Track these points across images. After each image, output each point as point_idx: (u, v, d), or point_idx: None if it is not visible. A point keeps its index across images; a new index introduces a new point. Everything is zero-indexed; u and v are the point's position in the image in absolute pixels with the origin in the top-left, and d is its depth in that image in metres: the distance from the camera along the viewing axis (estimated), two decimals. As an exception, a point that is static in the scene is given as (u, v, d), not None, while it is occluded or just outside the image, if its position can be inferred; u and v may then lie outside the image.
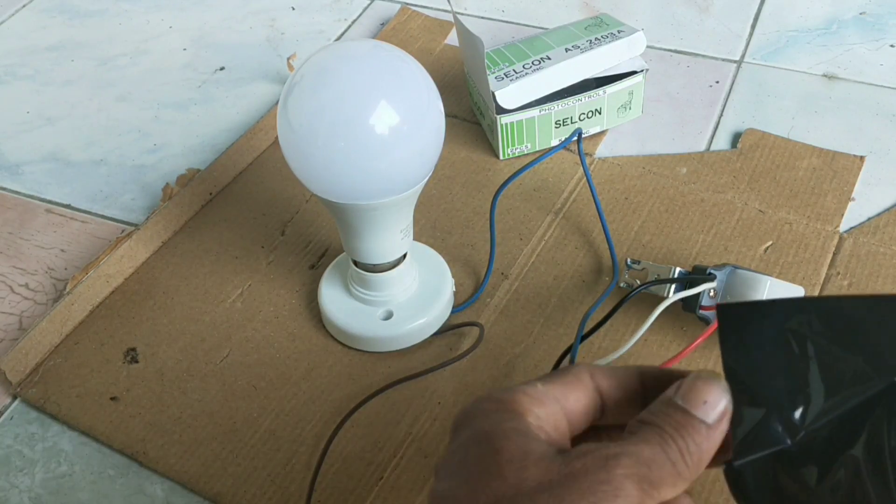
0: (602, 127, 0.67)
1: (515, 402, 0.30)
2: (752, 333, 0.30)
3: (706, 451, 0.29)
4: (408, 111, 0.44)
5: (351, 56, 0.45)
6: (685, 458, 0.28)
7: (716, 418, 0.29)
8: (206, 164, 0.69)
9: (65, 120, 0.76)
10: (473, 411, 0.31)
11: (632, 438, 0.29)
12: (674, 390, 0.30)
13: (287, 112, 0.45)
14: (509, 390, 0.31)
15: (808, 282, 0.55)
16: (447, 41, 0.79)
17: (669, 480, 0.28)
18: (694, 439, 0.29)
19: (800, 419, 0.29)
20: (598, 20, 0.68)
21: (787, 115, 0.69)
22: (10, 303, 0.61)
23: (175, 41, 0.84)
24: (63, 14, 0.89)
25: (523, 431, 0.29)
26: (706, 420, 0.29)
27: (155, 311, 0.58)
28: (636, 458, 0.28)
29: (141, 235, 0.62)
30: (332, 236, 0.62)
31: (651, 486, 0.28)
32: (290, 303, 0.58)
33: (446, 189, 0.64)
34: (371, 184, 0.45)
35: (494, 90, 0.62)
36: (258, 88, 0.77)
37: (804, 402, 0.29)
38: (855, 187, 0.62)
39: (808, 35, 0.76)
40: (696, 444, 0.28)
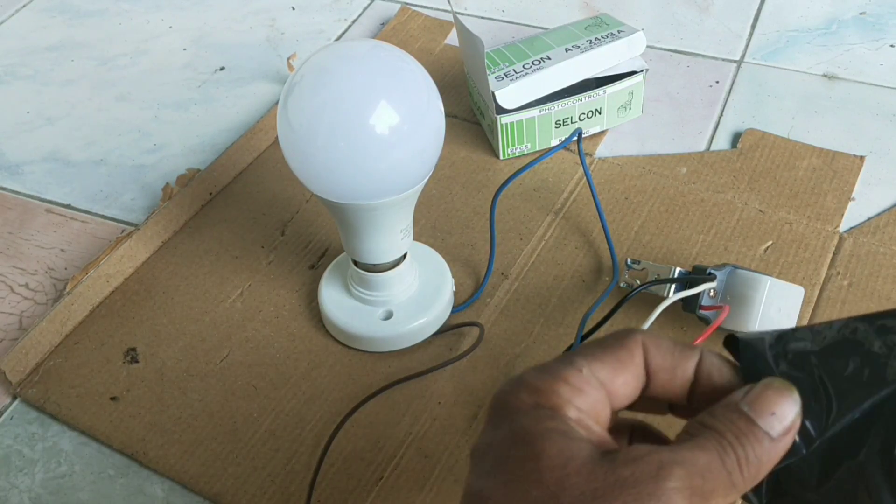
0: (602, 127, 0.67)
1: (554, 395, 0.29)
2: (764, 360, 0.29)
3: (765, 465, 0.27)
4: (408, 111, 0.44)
5: (351, 56, 0.45)
6: (742, 469, 0.27)
7: (781, 432, 0.27)
8: (206, 164, 0.69)
9: (65, 120, 0.76)
10: (512, 402, 0.29)
11: (687, 443, 0.27)
12: (741, 394, 0.28)
13: (287, 112, 0.45)
14: (549, 376, 0.29)
15: (808, 282, 0.55)
16: (447, 41, 0.79)
17: (722, 491, 0.27)
18: (755, 450, 0.27)
19: (815, 431, 0.28)
20: (598, 20, 0.68)
21: (787, 115, 0.69)
22: (10, 303, 0.61)
23: (175, 41, 0.84)
24: (63, 14, 0.89)
25: (564, 432, 0.28)
26: (771, 432, 0.27)
27: (155, 311, 0.58)
28: (690, 469, 0.26)
29: (141, 235, 0.62)
30: (332, 236, 0.62)
31: (702, 499, 0.26)
32: (290, 303, 0.58)
33: (446, 189, 0.64)
34: (371, 184, 0.45)
35: (494, 90, 0.62)
36: (258, 88, 0.77)
37: (818, 415, 0.28)
38: (855, 187, 0.62)
39: (808, 35, 0.76)
40: (756, 456, 0.27)
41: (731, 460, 0.27)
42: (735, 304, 0.51)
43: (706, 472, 0.26)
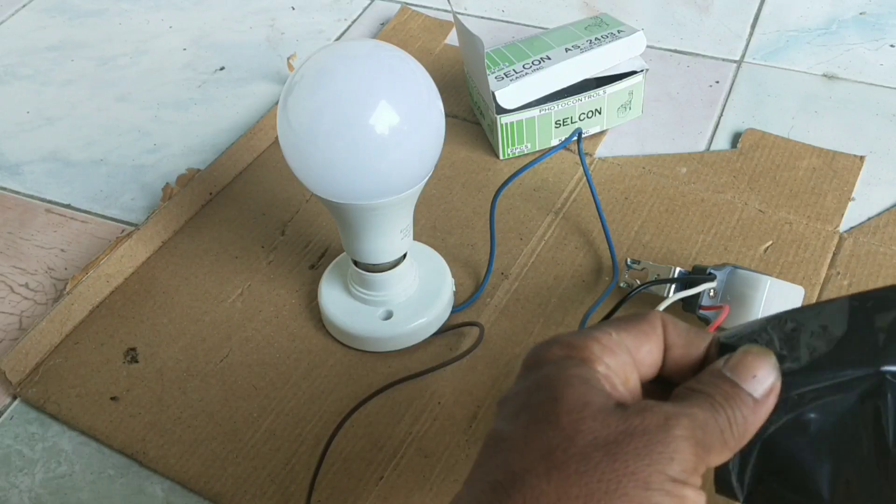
0: (602, 127, 0.67)
1: (586, 350, 0.30)
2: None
3: (752, 425, 0.29)
4: (408, 111, 0.44)
5: (351, 56, 0.45)
6: (732, 427, 0.29)
7: (763, 393, 0.29)
8: (206, 164, 0.69)
9: (65, 120, 0.76)
10: (544, 354, 0.31)
11: (685, 402, 0.29)
12: (722, 362, 0.30)
13: (287, 112, 0.45)
14: (582, 335, 0.31)
15: (808, 282, 0.55)
16: (447, 41, 0.79)
17: (717, 448, 0.28)
18: (742, 411, 0.29)
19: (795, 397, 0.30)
20: (598, 20, 0.68)
21: (787, 115, 0.69)
22: (10, 303, 0.61)
23: (175, 41, 0.84)
24: (63, 14, 0.89)
25: (587, 379, 0.29)
26: (754, 394, 0.29)
27: (155, 311, 0.58)
28: (693, 420, 0.28)
29: (141, 235, 0.62)
30: (332, 236, 0.62)
31: (704, 451, 0.28)
32: (290, 303, 0.58)
33: (446, 189, 0.64)
34: (371, 184, 0.45)
35: (494, 90, 0.62)
36: (258, 88, 0.77)
37: (799, 383, 0.30)
38: (855, 187, 0.62)
39: (808, 35, 0.76)
40: (743, 417, 0.29)
41: (723, 419, 0.29)
42: (735, 304, 0.50)
43: (705, 427, 0.28)
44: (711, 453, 0.28)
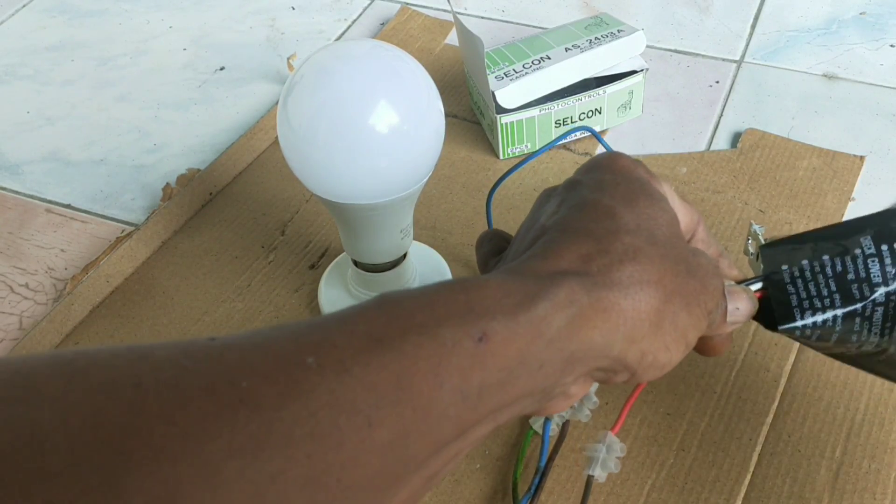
0: (602, 127, 0.67)
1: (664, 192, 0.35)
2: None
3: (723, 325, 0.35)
4: (408, 111, 0.44)
5: (351, 56, 0.45)
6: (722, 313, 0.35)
7: (733, 320, 0.36)
8: (206, 164, 0.69)
9: (65, 120, 0.76)
10: (631, 168, 0.34)
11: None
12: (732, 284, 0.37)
13: (287, 112, 0.45)
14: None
15: (808, 282, 0.55)
16: (447, 41, 0.79)
17: (719, 321, 0.35)
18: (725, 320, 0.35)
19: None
20: (598, 20, 0.68)
21: (787, 115, 0.69)
22: (10, 303, 0.61)
23: (175, 41, 0.84)
24: (63, 14, 0.89)
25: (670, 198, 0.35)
26: (728, 318, 0.36)
27: (155, 311, 0.58)
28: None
29: (141, 235, 0.62)
30: (332, 236, 0.62)
31: (715, 309, 0.34)
32: (290, 303, 0.58)
33: (446, 189, 0.64)
34: (371, 184, 0.45)
35: (494, 90, 0.62)
36: (258, 88, 0.77)
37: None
38: (855, 187, 0.62)
39: (808, 35, 0.76)
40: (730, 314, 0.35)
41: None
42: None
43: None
44: (712, 317, 0.34)
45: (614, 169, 0.34)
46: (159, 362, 0.23)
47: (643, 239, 0.31)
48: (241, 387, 0.22)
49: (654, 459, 0.48)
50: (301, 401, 0.23)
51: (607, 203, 0.32)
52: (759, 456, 0.47)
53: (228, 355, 0.23)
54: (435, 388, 0.25)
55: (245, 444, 0.21)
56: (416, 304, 0.26)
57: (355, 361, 0.24)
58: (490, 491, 0.47)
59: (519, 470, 0.47)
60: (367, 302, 0.26)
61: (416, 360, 0.25)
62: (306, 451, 0.22)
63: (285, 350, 0.24)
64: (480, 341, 0.26)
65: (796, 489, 0.46)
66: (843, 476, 0.46)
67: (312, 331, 0.25)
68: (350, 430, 0.23)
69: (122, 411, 0.21)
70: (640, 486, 0.46)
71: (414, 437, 0.24)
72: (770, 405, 0.49)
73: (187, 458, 0.21)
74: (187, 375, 0.22)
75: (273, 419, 0.22)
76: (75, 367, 0.22)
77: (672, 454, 0.48)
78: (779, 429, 0.48)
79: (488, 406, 0.26)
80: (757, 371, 0.51)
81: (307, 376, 0.23)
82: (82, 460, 0.20)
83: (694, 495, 0.46)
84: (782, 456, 0.47)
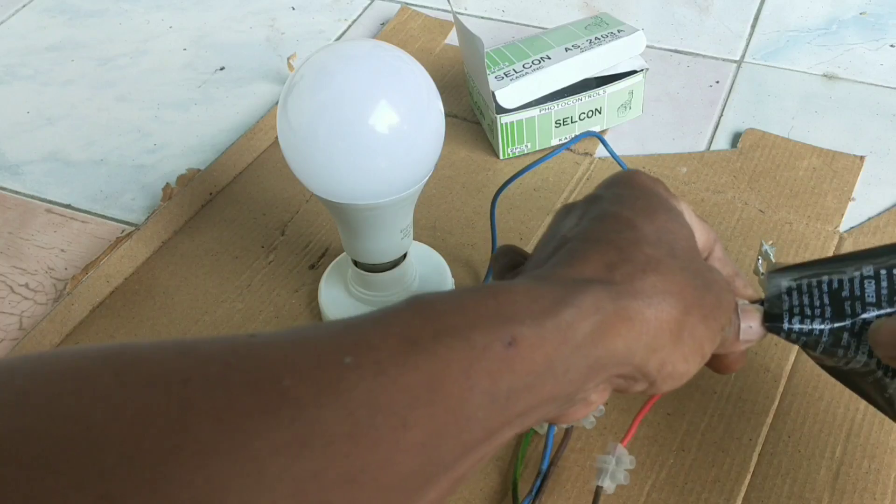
0: (602, 126, 0.67)
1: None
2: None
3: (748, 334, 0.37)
4: (408, 111, 0.44)
5: (351, 56, 0.45)
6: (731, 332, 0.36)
7: (745, 339, 0.37)
8: (206, 164, 0.69)
9: (65, 120, 0.76)
10: (651, 185, 0.35)
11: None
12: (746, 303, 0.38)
13: (287, 112, 0.45)
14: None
15: (808, 282, 0.55)
16: (447, 41, 0.79)
17: (729, 336, 0.36)
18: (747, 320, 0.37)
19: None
20: (598, 20, 0.68)
21: (787, 115, 0.69)
22: (10, 303, 0.61)
23: (175, 41, 0.84)
24: (63, 14, 0.89)
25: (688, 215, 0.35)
26: (741, 335, 0.37)
27: (155, 311, 0.58)
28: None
29: (141, 235, 0.62)
30: (332, 236, 0.62)
31: (726, 321, 0.34)
32: (290, 303, 0.58)
33: (446, 189, 0.64)
34: (371, 184, 0.45)
35: (494, 90, 0.62)
36: (258, 88, 0.77)
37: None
38: (855, 187, 0.62)
39: (808, 35, 0.76)
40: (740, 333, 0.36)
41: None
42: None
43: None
44: (723, 329, 0.34)
45: (633, 184, 0.34)
46: (205, 358, 0.23)
47: (664, 251, 0.32)
48: (283, 385, 0.23)
49: (654, 459, 0.47)
50: (340, 400, 0.23)
51: (628, 215, 0.32)
52: (759, 456, 0.47)
53: (270, 353, 0.24)
54: (465, 391, 0.25)
55: (288, 441, 0.22)
56: (447, 307, 0.27)
57: (391, 362, 0.24)
58: (490, 491, 0.47)
59: (519, 470, 0.47)
60: (400, 303, 0.27)
61: (448, 363, 0.25)
62: (345, 451, 0.23)
63: (324, 349, 0.24)
64: (510, 345, 0.26)
65: (796, 489, 0.46)
66: (843, 476, 0.46)
67: (349, 331, 0.25)
68: (386, 430, 0.23)
69: (172, 407, 0.22)
70: (640, 486, 0.46)
71: (445, 439, 0.25)
72: (770, 405, 0.49)
73: (234, 455, 0.21)
74: (232, 373, 0.23)
75: (314, 418, 0.23)
76: (124, 360, 0.23)
77: (672, 454, 0.48)
78: (779, 429, 0.48)
79: (515, 409, 0.27)
80: (757, 371, 0.51)
81: (345, 376, 0.24)
82: (135, 455, 0.21)
83: (694, 495, 0.46)
84: (782, 456, 0.47)
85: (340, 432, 0.23)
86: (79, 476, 0.20)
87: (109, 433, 0.21)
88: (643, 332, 0.30)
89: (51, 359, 0.23)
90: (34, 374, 0.22)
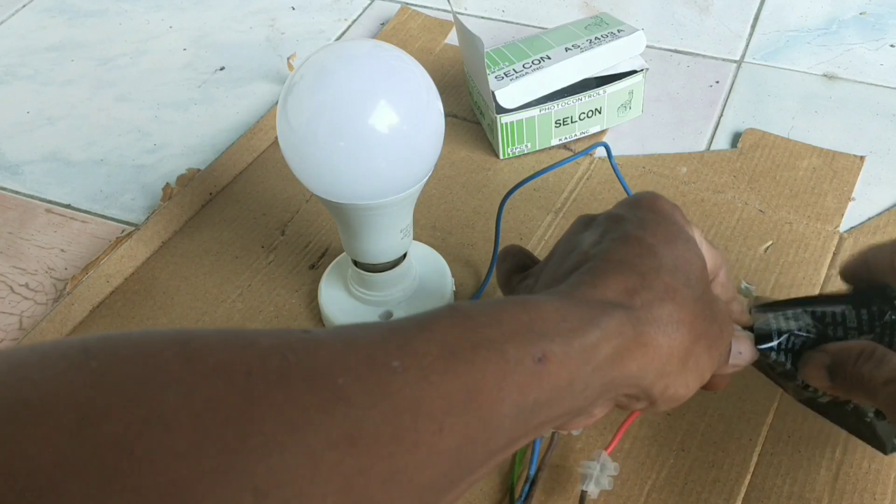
0: (602, 126, 0.67)
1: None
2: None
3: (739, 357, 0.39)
4: (407, 111, 0.44)
5: (351, 56, 0.45)
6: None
7: (735, 363, 0.39)
8: (206, 164, 0.69)
9: (65, 120, 0.76)
10: (670, 210, 0.36)
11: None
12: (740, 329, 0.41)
13: (287, 112, 0.45)
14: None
15: (808, 282, 0.55)
16: (447, 41, 0.79)
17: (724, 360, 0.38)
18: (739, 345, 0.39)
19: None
20: (598, 19, 0.68)
21: (787, 115, 0.69)
22: (10, 303, 0.61)
23: (175, 41, 0.84)
24: (63, 14, 0.89)
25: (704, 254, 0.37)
26: (732, 360, 0.39)
27: (155, 311, 0.58)
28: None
29: (141, 235, 0.62)
30: (332, 236, 0.62)
31: (724, 347, 0.37)
32: (290, 303, 0.58)
33: (446, 189, 0.64)
34: (371, 184, 0.45)
35: (494, 90, 0.62)
36: (258, 88, 0.77)
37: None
38: (855, 187, 0.62)
39: (808, 35, 0.76)
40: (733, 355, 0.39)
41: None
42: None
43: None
44: (721, 354, 0.37)
45: (656, 209, 0.36)
46: (265, 351, 0.24)
47: (680, 280, 0.33)
48: (337, 383, 0.24)
49: (654, 459, 0.47)
50: (388, 402, 0.25)
51: (650, 241, 0.34)
52: (759, 456, 0.47)
53: (323, 352, 0.25)
54: (497, 401, 0.27)
55: (341, 438, 0.23)
56: (484, 319, 0.29)
57: (433, 369, 0.26)
58: (490, 490, 0.47)
59: (516, 473, 0.47)
60: (440, 311, 0.29)
61: (484, 374, 0.27)
62: (389, 450, 0.24)
63: (373, 351, 0.26)
64: (540, 361, 0.28)
65: (796, 489, 0.46)
66: (843, 476, 0.46)
67: (394, 335, 0.27)
68: (426, 433, 0.25)
69: (238, 398, 0.23)
70: (640, 486, 0.46)
71: (474, 446, 0.27)
72: (770, 405, 0.49)
73: (293, 448, 0.22)
74: (290, 368, 0.24)
75: (364, 417, 0.24)
76: (192, 348, 0.24)
77: (672, 454, 0.48)
78: (779, 429, 0.48)
79: (536, 421, 0.29)
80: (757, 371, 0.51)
81: (393, 378, 0.25)
82: (203, 442, 0.21)
83: (694, 495, 0.46)
84: (782, 456, 0.47)
85: (386, 432, 0.24)
86: (151, 459, 0.21)
87: (180, 419, 0.22)
88: (655, 358, 0.32)
89: (124, 342, 0.24)
90: (109, 356, 0.23)
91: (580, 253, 0.35)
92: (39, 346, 0.24)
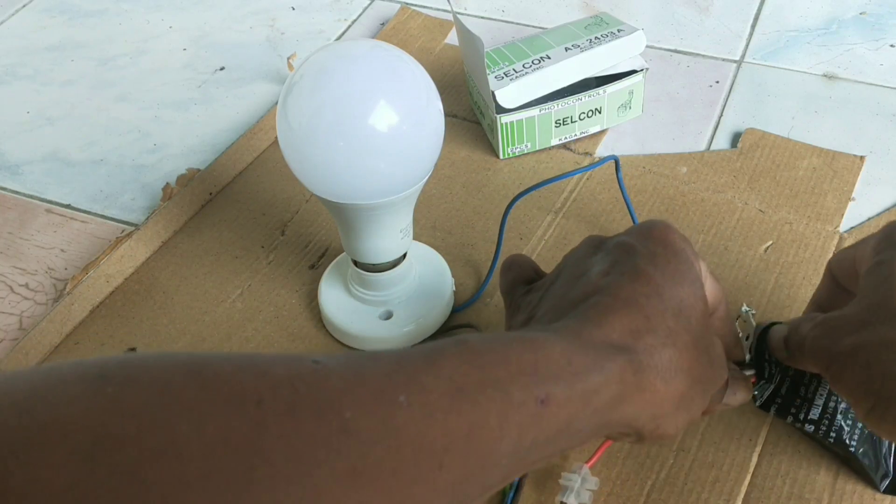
0: (602, 126, 0.67)
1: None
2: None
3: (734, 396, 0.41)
4: (407, 111, 0.44)
5: (350, 56, 0.45)
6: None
7: (733, 402, 0.41)
8: (206, 164, 0.69)
9: (65, 120, 0.76)
10: (678, 241, 0.36)
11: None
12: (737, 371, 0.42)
13: (287, 112, 0.45)
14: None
15: (809, 282, 0.55)
16: (447, 41, 0.79)
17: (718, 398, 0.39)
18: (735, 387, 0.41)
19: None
20: (598, 19, 0.68)
21: (787, 114, 0.69)
22: (10, 303, 0.61)
23: (175, 41, 0.84)
24: (63, 14, 0.89)
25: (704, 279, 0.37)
26: (727, 401, 0.41)
27: (155, 311, 0.58)
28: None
29: (141, 235, 0.62)
30: (332, 236, 0.62)
31: (715, 389, 0.38)
32: (290, 303, 0.58)
33: (446, 189, 0.64)
34: (371, 184, 0.45)
35: (494, 89, 0.62)
36: (258, 88, 0.77)
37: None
38: (855, 187, 0.62)
39: (808, 35, 0.76)
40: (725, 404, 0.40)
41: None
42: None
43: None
44: (715, 390, 0.38)
45: (667, 244, 0.36)
46: (276, 382, 0.25)
47: (682, 325, 0.34)
48: (344, 416, 0.25)
49: (654, 459, 0.47)
50: (392, 437, 0.25)
51: (658, 280, 0.35)
52: (759, 456, 0.47)
53: (332, 383, 0.26)
54: (496, 441, 0.28)
55: (345, 471, 0.24)
56: (492, 357, 0.29)
57: (438, 406, 0.26)
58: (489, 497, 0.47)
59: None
60: (449, 343, 0.29)
61: (487, 415, 0.27)
62: (389, 485, 0.24)
63: (381, 385, 0.26)
64: (542, 403, 0.29)
65: (796, 489, 0.46)
66: (843, 476, 0.46)
67: (402, 367, 0.27)
68: (426, 470, 0.25)
69: (248, 428, 0.23)
70: (640, 486, 0.46)
71: (471, 482, 0.27)
72: (770, 405, 0.49)
73: (299, 481, 0.23)
74: (300, 399, 0.24)
75: (368, 451, 0.24)
76: (205, 377, 0.24)
77: (672, 454, 0.48)
78: (779, 429, 0.48)
79: (531, 459, 0.29)
80: (757, 371, 0.51)
81: (398, 413, 0.26)
82: (214, 472, 0.22)
83: (694, 495, 0.46)
84: (782, 456, 0.47)
85: (388, 467, 0.24)
86: (162, 489, 0.21)
87: (192, 448, 0.22)
88: (652, 403, 0.33)
89: (139, 366, 0.24)
90: (125, 382, 0.23)
91: (588, 283, 0.35)
92: (58, 367, 0.24)
